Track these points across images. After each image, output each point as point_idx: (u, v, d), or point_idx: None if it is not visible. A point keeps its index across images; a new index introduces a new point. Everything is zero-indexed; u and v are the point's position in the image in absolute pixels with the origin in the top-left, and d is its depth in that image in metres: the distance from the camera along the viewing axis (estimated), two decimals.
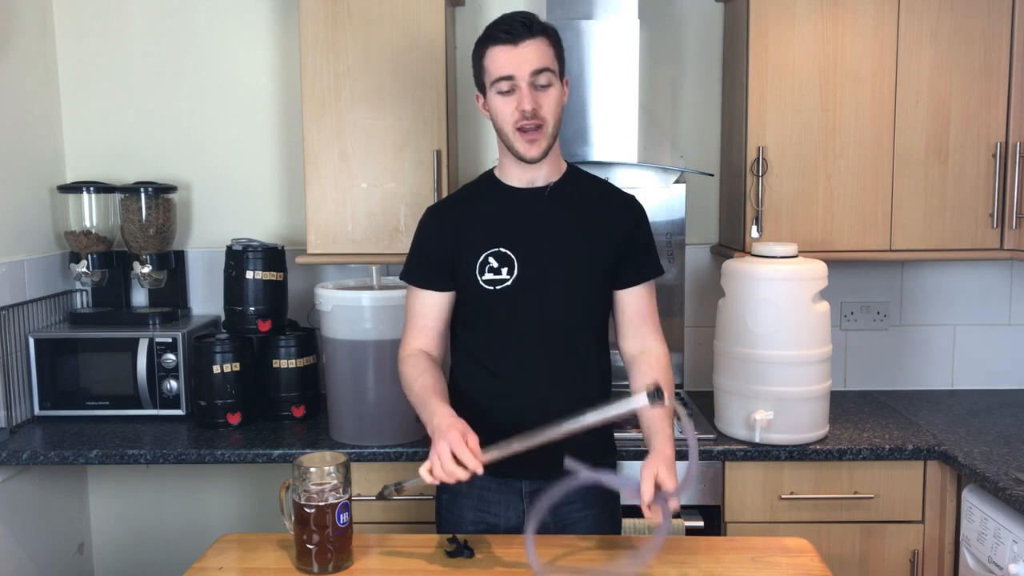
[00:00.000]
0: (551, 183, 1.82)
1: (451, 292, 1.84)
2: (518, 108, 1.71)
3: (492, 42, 1.72)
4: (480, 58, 1.75)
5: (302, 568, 1.63)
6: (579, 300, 1.81)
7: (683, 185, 2.77)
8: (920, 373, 2.93)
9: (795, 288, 2.28)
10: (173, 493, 2.91)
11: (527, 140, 1.73)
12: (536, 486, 1.82)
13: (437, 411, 1.65)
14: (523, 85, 1.70)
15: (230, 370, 2.51)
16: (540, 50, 1.71)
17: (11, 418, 2.50)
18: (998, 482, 2.04)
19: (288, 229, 2.88)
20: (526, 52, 1.69)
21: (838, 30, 2.48)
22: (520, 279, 1.77)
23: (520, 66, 1.69)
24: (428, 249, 1.84)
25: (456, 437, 1.55)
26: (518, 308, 1.79)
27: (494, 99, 1.74)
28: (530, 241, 1.79)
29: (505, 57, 1.70)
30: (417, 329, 1.85)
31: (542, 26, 1.73)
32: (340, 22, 2.46)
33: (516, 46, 1.69)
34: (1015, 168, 2.49)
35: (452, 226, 1.82)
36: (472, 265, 1.79)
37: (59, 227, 2.73)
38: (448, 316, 1.86)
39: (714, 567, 1.63)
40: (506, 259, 1.78)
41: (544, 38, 1.72)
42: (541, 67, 1.70)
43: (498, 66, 1.71)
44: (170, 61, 2.83)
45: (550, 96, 1.72)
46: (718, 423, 2.43)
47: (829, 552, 2.30)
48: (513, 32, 1.69)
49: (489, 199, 1.84)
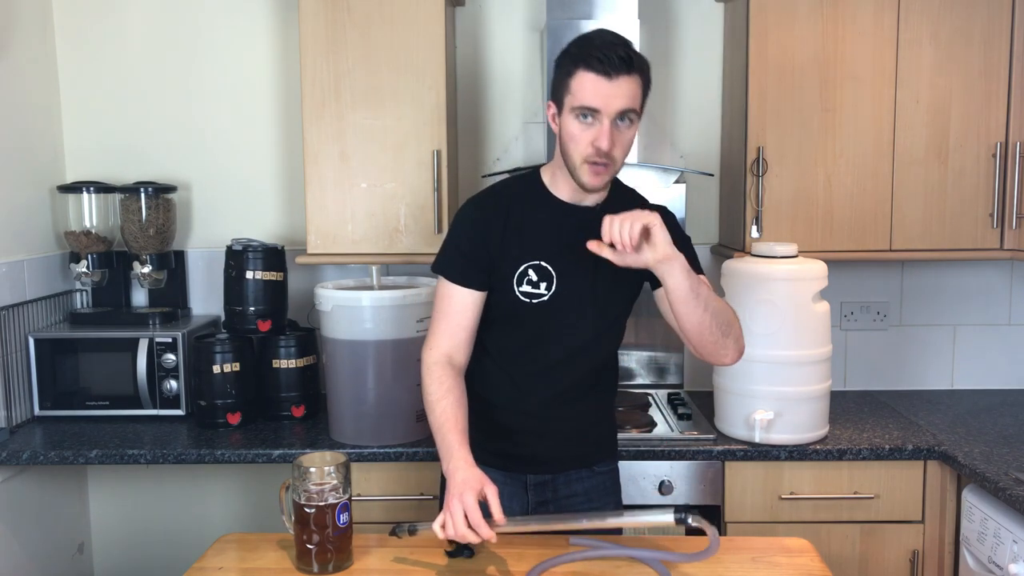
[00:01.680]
0: (599, 203, 1.77)
1: (486, 292, 1.78)
2: (594, 143, 1.62)
3: (585, 66, 1.61)
4: (566, 76, 1.64)
5: (302, 568, 1.63)
6: (609, 321, 1.81)
7: (683, 185, 2.77)
8: (920, 373, 2.93)
9: (795, 288, 2.28)
10: (173, 493, 2.91)
11: (593, 172, 1.66)
12: (541, 479, 1.84)
13: (455, 455, 1.60)
14: (606, 122, 1.61)
15: (230, 370, 2.51)
16: (632, 90, 1.62)
17: (11, 418, 2.50)
18: (998, 482, 2.04)
19: (288, 229, 2.88)
20: (618, 90, 1.60)
21: (838, 30, 2.48)
22: (557, 295, 1.74)
23: (609, 103, 1.60)
24: (469, 245, 1.76)
25: (471, 501, 1.51)
26: (550, 323, 1.76)
27: (571, 123, 1.65)
28: (573, 259, 1.74)
29: (596, 88, 1.60)
30: (449, 330, 1.76)
31: (640, 63, 1.63)
32: (340, 22, 2.46)
33: (610, 80, 1.59)
34: (1015, 168, 2.49)
35: (496, 227, 1.76)
36: (510, 273, 1.75)
37: (59, 227, 2.73)
38: (479, 317, 1.79)
39: (714, 567, 1.63)
40: (546, 273, 1.74)
41: (639, 76, 1.63)
42: (628, 108, 1.62)
43: (586, 95, 1.61)
44: (170, 61, 2.83)
45: (627, 136, 1.65)
46: (718, 423, 2.43)
47: (829, 552, 2.30)
48: (611, 65, 1.59)
49: (536, 208, 1.77)
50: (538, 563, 1.61)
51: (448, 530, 1.52)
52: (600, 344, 1.83)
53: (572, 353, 1.79)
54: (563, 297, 1.75)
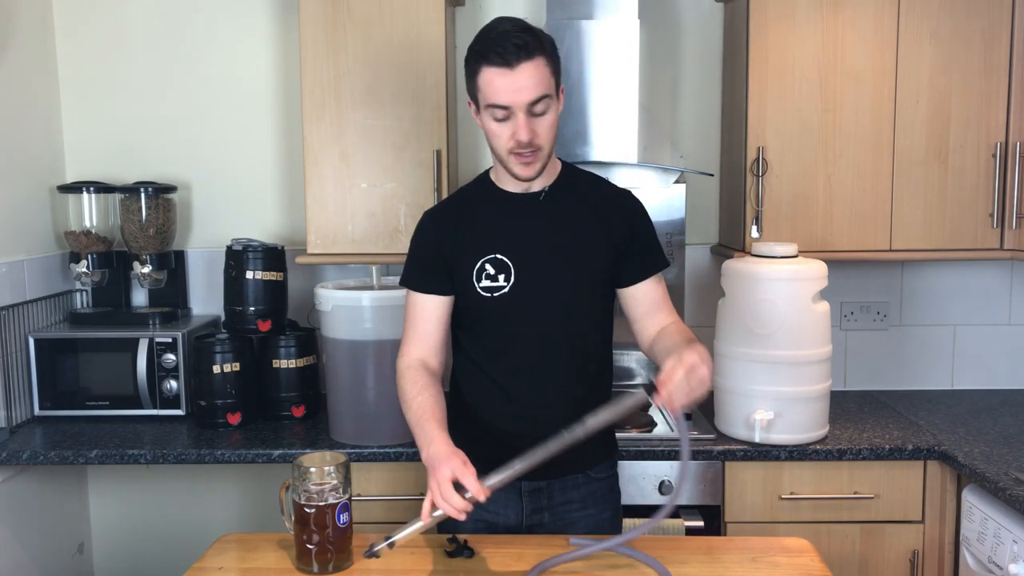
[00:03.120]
0: (546, 188, 1.79)
1: (451, 296, 1.81)
2: (513, 137, 1.63)
3: (486, 62, 1.61)
4: (473, 74, 1.65)
5: (302, 568, 1.63)
6: (578, 305, 1.80)
7: (683, 185, 2.77)
8: (920, 373, 2.92)
9: (795, 288, 2.28)
10: (173, 493, 2.91)
11: (522, 162, 1.68)
12: (536, 485, 1.83)
13: (435, 439, 1.60)
14: (520, 115, 1.61)
15: (230, 370, 2.51)
16: (537, 74, 1.60)
17: (11, 418, 2.50)
18: (998, 482, 2.04)
19: (288, 229, 2.88)
20: (522, 78, 1.59)
21: (838, 30, 2.48)
22: (518, 286, 1.75)
23: (517, 95, 1.60)
24: (425, 253, 1.81)
25: (458, 463, 1.52)
26: (516, 315, 1.77)
27: (488, 121, 1.66)
28: (527, 247, 1.76)
29: (500, 83, 1.60)
30: (417, 336, 1.81)
31: (539, 43, 1.61)
32: (340, 22, 2.46)
33: (512, 70, 1.59)
34: (1015, 168, 2.49)
35: (449, 230, 1.80)
36: (469, 271, 1.77)
37: (59, 227, 2.73)
38: (448, 321, 1.82)
39: (714, 567, 1.63)
40: (503, 266, 1.76)
41: (542, 57, 1.61)
42: (539, 96, 1.61)
43: (493, 91, 1.61)
44: (170, 61, 2.83)
45: (546, 121, 1.65)
46: (718, 423, 2.43)
47: (829, 552, 2.30)
48: (507, 56, 1.58)
49: (485, 204, 1.81)
50: (538, 563, 1.61)
51: (437, 499, 1.49)
52: (577, 334, 1.80)
53: (549, 345, 1.78)
54: (524, 286, 1.75)
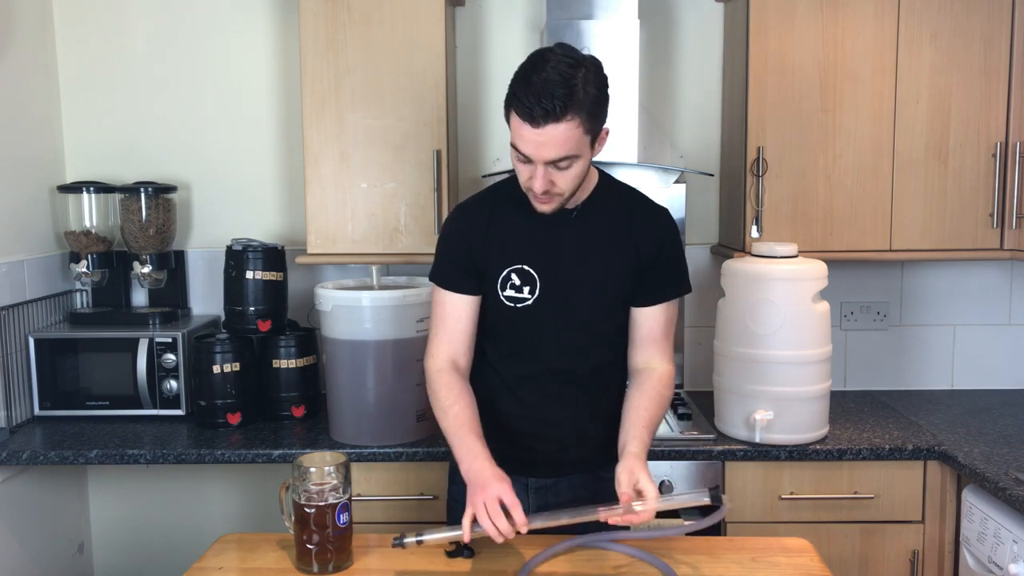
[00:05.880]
0: (579, 204, 1.75)
1: (480, 296, 1.78)
2: (530, 181, 1.62)
3: (516, 110, 1.56)
4: (507, 108, 1.60)
5: (302, 568, 1.63)
6: (599, 322, 1.78)
7: (683, 185, 2.77)
8: (920, 373, 2.92)
9: (795, 288, 2.28)
10: (173, 493, 2.91)
11: (538, 202, 1.66)
12: (543, 483, 1.83)
13: (479, 454, 1.61)
14: (539, 168, 1.58)
15: (230, 370, 2.51)
16: (564, 136, 1.54)
17: (11, 418, 2.50)
18: (998, 482, 2.04)
19: (288, 229, 2.88)
20: (546, 138, 1.54)
21: (838, 30, 2.48)
22: (542, 299, 1.73)
23: (538, 150, 1.56)
24: (456, 252, 1.77)
25: (507, 489, 1.52)
26: (535, 327, 1.75)
27: (514, 153, 1.62)
28: (555, 262, 1.74)
29: (526, 133, 1.55)
30: (447, 335, 1.77)
31: (574, 101, 1.53)
32: (340, 22, 2.46)
33: (537, 129, 1.54)
34: (1015, 168, 2.49)
35: (479, 231, 1.76)
36: (495, 278, 1.75)
37: (59, 227, 2.73)
38: (476, 320, 1.79)
39: (714, 567, 1.63)
40: (529, 277, 1.74)
41: (574, 119, 1.53)
42: (561, 156, 1.56)
43: (518, 137, 1.58)
44: (170, 61, 2.83)
45: (570, 174, 1.61)
46: (718, 423, 2.43)
47: (829, 552, 2.30)
48: (535, 115, 1.52)
49: (517, 210, 1.75)
50: (530, 558, 1.62)
51: (483, 519, 1.50)
52: (593, 347, 1.79)
53: (563, 356, 1.77)
54: (547, 301, 1.73)
